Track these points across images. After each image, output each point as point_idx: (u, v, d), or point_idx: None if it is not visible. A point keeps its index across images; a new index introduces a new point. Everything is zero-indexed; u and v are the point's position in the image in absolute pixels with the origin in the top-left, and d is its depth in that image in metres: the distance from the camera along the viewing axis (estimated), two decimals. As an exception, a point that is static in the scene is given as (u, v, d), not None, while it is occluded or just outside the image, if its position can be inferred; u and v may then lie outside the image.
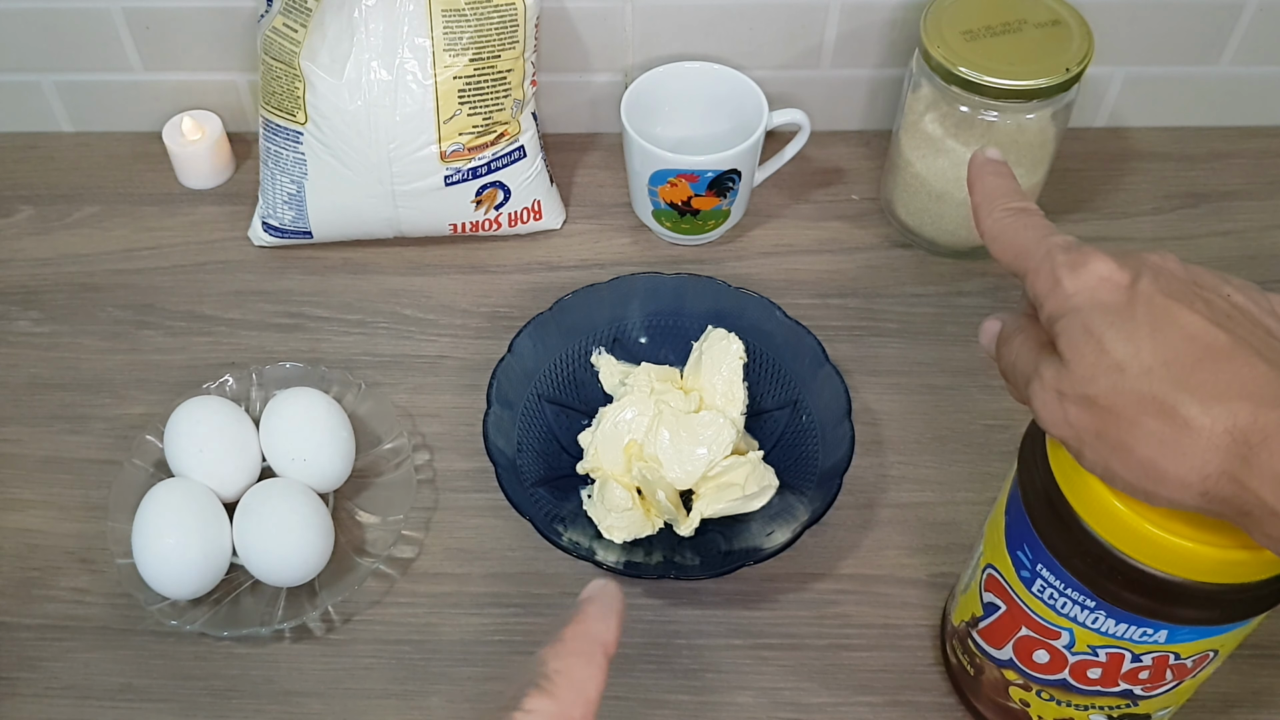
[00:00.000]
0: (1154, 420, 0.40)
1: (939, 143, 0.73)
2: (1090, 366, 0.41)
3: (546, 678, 0.37)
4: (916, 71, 0.72)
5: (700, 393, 0.68)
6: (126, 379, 0.74)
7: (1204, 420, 0.39)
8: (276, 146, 0.76)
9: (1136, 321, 0.41)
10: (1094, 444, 0.42)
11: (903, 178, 0.77)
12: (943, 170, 0.74)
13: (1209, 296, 0.42)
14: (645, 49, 0.82)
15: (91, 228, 0.83)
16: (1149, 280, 0.42)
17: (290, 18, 0.73)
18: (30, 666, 0.63)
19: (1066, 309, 0.43)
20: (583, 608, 0.39)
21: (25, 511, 0.68)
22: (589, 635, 0.38)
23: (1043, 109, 0.71)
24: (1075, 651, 0.50)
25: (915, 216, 0.78)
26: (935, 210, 0.76)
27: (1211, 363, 0.39)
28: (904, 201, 0.78)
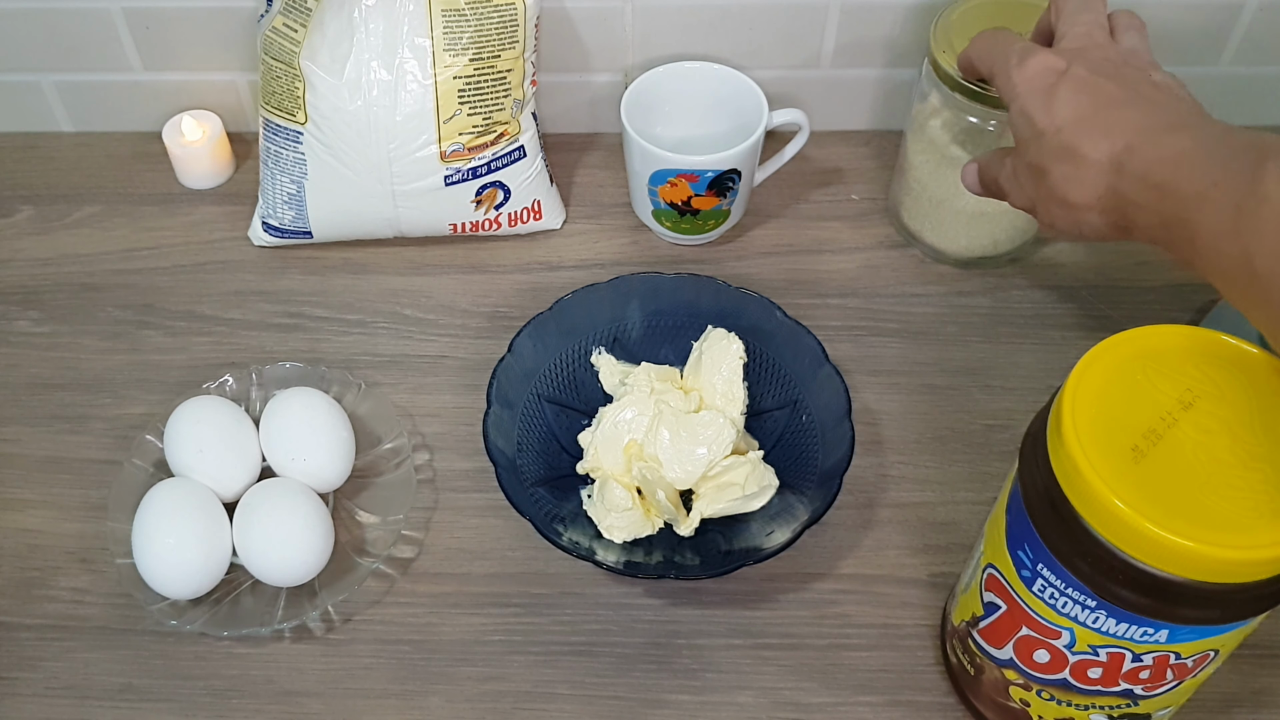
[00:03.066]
0: (1065, 164, 0.52)
1: (944, 150, 0.73)
2: (1025, 138, 0.54)
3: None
4: (925, 79, 0.72)
5: (700, 393, 0.68)
6: (126, 379, 0.74)
7: (1094, 154, 0.51)
8: (276, 146, 0.76)
9: (1059, 96, 0.53)
10: (1042, 202, 0.54)
11: (907, 181, 0.77)
12: (946, 178, 0.73)
13: (1129, 73, 0.53)
14: (645, 49, 0.82)
15: (91, 228, 0.83)
16: (1080, 64, 0.54)
17: (290, 17, 0.73)
18: (30, 666, 0.63)
19: (1012, 97, 0.55)
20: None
21: (25, 511, 0.68)
22: None
23: None
24: (1076, 651, 0.50)
25: (917, 221, 0.78)
26: (936, 216, 0.76)
27: (1107, 111, 0.51)
28: (908, 206, 0.78)
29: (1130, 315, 0.76)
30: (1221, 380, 0.48)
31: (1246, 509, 0.44)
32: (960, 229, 0.76)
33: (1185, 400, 0.47)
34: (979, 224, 0.76)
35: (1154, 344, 0.49)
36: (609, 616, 0.64)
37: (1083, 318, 0.76)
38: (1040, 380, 0.73)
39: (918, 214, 0.78)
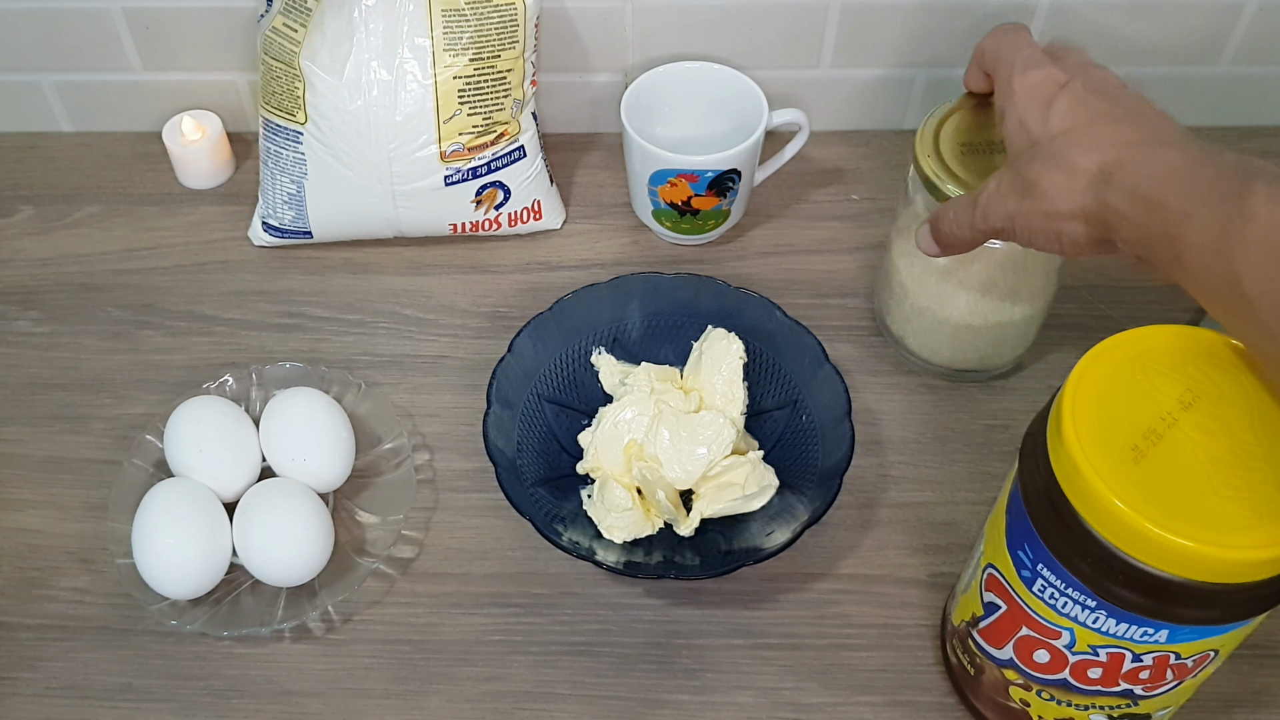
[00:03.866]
0: (1055, 173, 0.52)
1: (929, 257, 0.64)
2: (1017, 147, 0.55)
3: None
4: (910, 185, 0.67)
5: (700, 393, 0.68)
6: (126, 379, 0.74)
7: (1085, 163, 0.51)
8: (276, 146, 0.76)
9: (1056, 107, 0.53)
10: (1023, 215, 0.54)
11: (891, 285, 0.72)
12: (931, 285, 0.69)
13: (1126, 95, 0.54)
14: (645, 49, 0.82)
15: (91, 228, 0.83)
16: (1080, 80, 0.54)
17: (290, 17, 0.73)
18: (30, 666, 0.63)
19: (1009, 104, 0.56)
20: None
21: (25, 511, 0.68)
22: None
23: None
24: (1076, 651, 0.50)
25: (901, 326, 0.73)
26: (920, 323, 0.71)
27: (1102, 125, 0.52)
28: (893, 310, 0.73)
29: (1130, 315, 0.76)
30: (1221, 380, 0.48)
31: (1246, 509, 0.44)
32: (944, 339, 0.71)
33: (1185, 400, 0.47)
34: (964, 336, 0.70)
35: (1154, 344, 0.49)
36: (609, 616, 0.64)
37: (1082, 317, 0.76)
38: (1040, 380, 0.73)
39: (901, 319, 0.73)
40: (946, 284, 0.68)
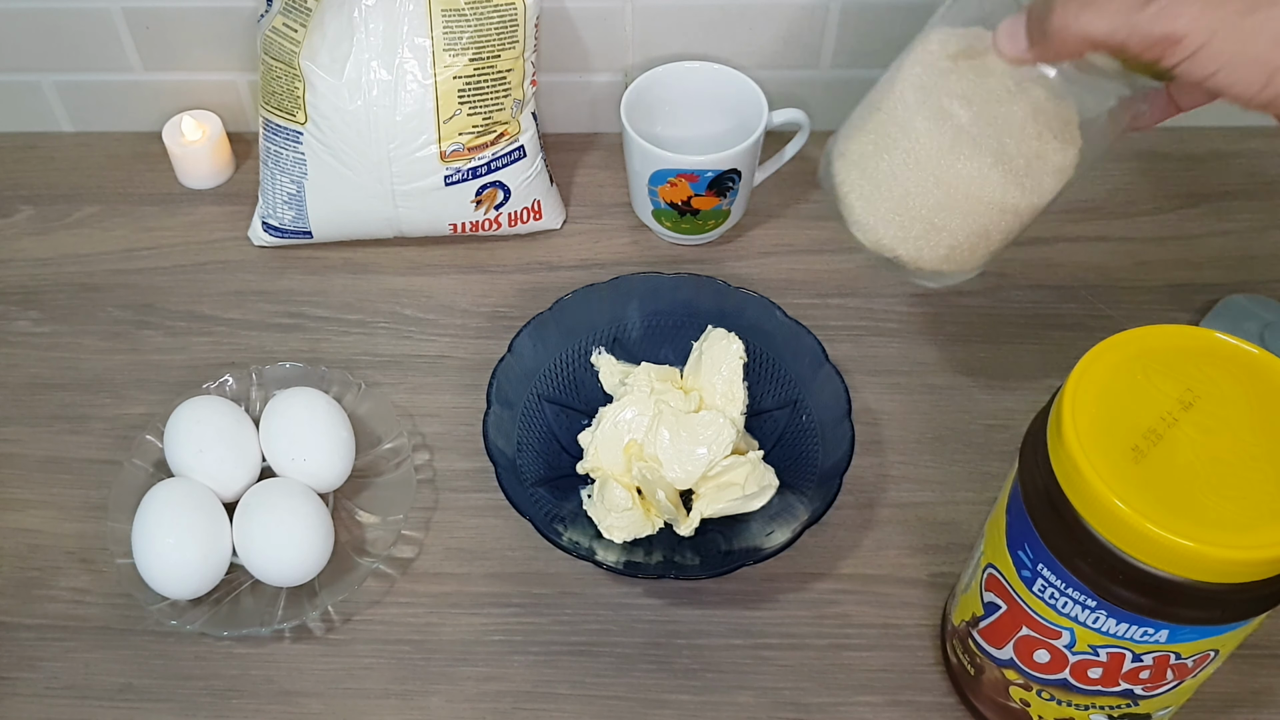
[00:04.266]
0: None
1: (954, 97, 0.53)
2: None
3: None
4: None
5: (700, 393, 0.68)
6: (126, 379, 0.74)
7: None
8: (276, 146, 0.76)
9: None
10: (1240, 35, 0.43)
11: (875, 124, 0.57)
12: (938, 138, 0.54)
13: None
14: (645, 49, 0.82)
15: (91, 228, 0.83)
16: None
17: (290, 17, 0.73)
18: (30, 666, 0.63)
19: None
20: None
21: (25, 511, 0.68)
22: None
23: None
24: (1076, 651, 0.50)
25: (859, 183, 0.59)
26: (891, 187, 0.57)
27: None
28: (855, 157, 0.59)
29: (1130, 315, 0.76)
30: (1222, 380, 0.48)
31: (1247, 509, 0.44)
32: (918, 215, 0.56)
33: (1185, 400, 0.47)
34: (947, 216, 0.56)
35: (1154, 344, 0.49)
36: (609, 616, 0.64)
37: (1083, 317, 0.76)
38: (1040, 380, 0.73)
39: (866, 174, 0.58)
40: (962, 138, 0.53)
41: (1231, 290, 0.76)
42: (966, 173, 0.54)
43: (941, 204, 0.55)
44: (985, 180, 0.54)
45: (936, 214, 0.56)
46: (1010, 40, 0.48)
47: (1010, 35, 0.48)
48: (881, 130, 0.56)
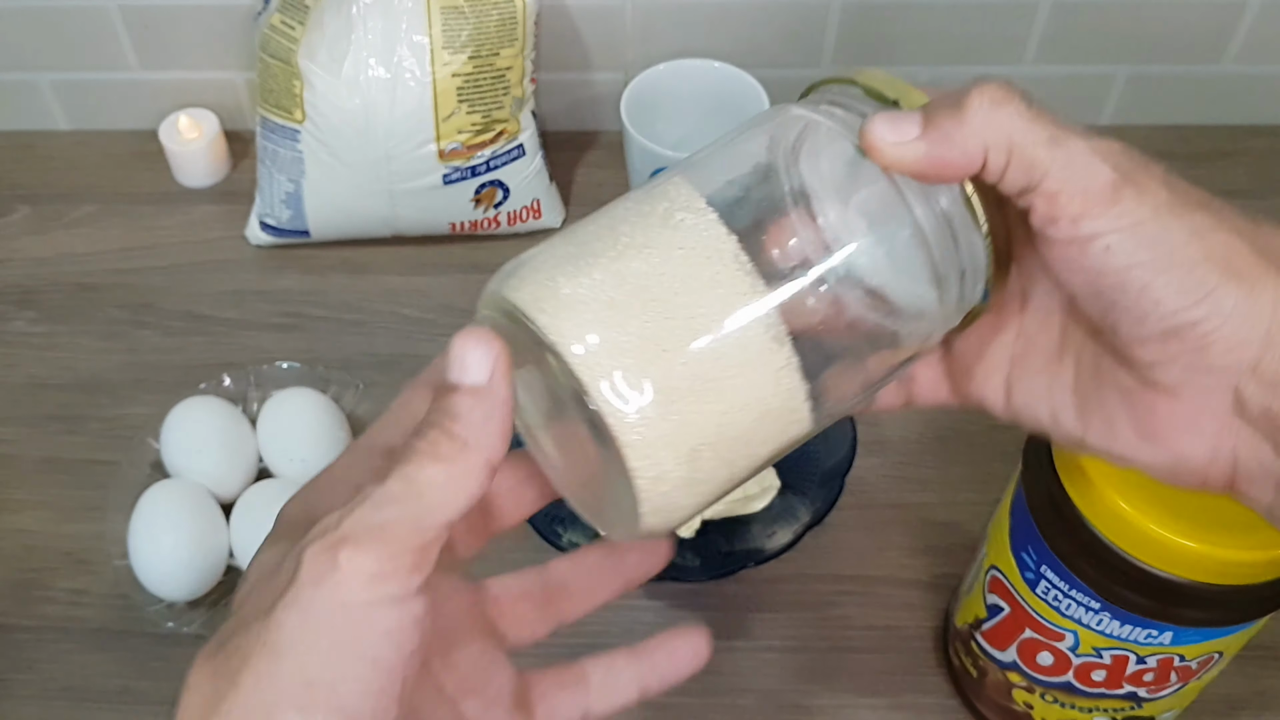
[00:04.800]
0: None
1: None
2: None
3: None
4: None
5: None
6: (124, 379, 0.74)
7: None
8: (274, 145, 0.76)
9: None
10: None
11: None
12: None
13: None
14: (645, 46, 0.82)
15: (88, 227, 0.82)
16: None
17: (288, 15, 0.73)
18: (27, 668, 0.62)
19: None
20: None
21: (22, 512, 0.68)
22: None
23: None
24: (1079, 653, 0.49)
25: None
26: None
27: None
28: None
29: (1133, 314, 0.76)
30: (1227, 380, 0.47)
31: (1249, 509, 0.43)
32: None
33: (1190, 401, 0.47)
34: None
35: (1158, 344, 0.49)
36: (609, 618, 0.63)
37: (1085, 317, 0.76)
38: (1043, 380, 0.72)
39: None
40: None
41: (1235, 289, 0.75)
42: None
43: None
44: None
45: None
46: (892, 126, 0.33)
47: (892, 120, 0.33)
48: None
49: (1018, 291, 0.37)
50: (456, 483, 0.30)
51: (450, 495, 0.30)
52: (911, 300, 0.35)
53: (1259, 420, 0.32)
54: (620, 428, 0.30)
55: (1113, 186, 0.31)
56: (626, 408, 0.30)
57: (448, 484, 0.30)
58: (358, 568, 0.28)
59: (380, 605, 0.29)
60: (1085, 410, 0.35)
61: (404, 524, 0.29)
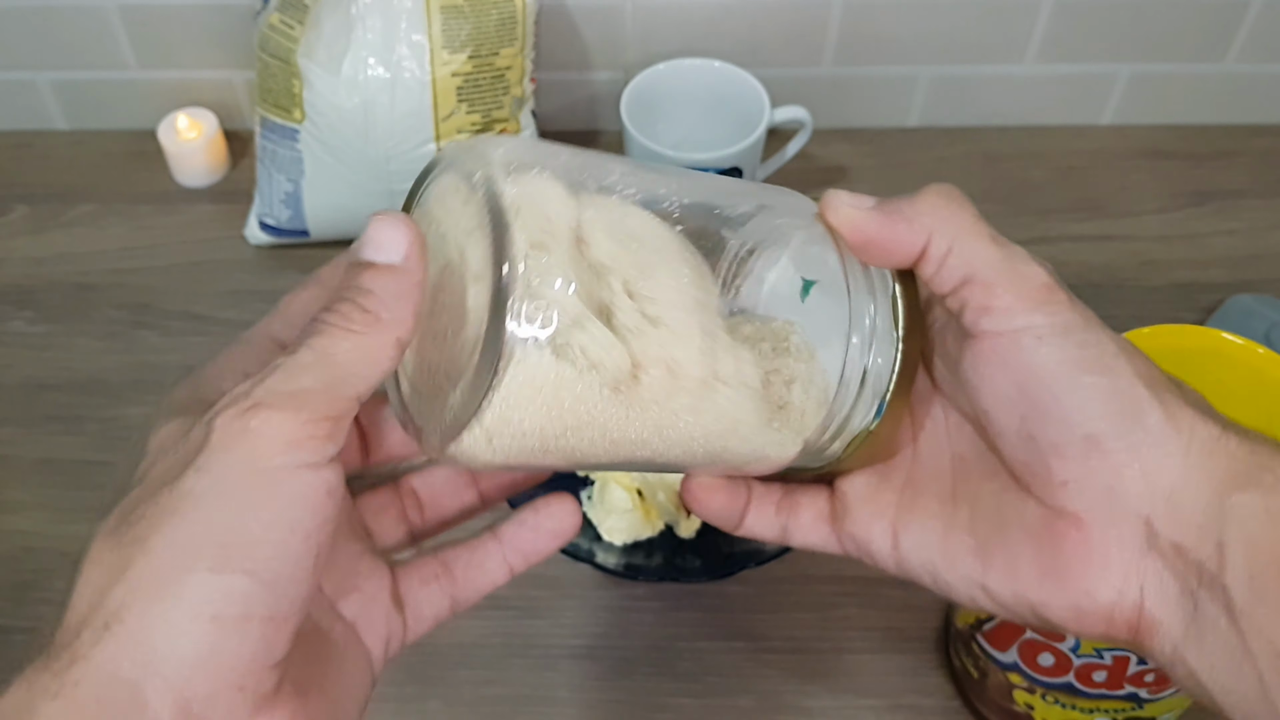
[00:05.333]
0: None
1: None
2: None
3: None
4: None
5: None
6: (122, 379, 0.74)
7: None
8: (273, 144, 0.75)
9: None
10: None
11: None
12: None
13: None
14: (645, 46, 0.82)
15: (87, 226, 0.82)
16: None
17: (287, 14, 0.73)
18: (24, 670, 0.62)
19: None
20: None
21: (20, 513, 0.68)
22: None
23: None
24: (1081, 654, 0.49)
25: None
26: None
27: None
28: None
29: (1135, 315, 0.75)
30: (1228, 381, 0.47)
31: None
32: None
33: (1193, 401, 0.46)
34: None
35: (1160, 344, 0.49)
36: (609, 620, 0.64)
37: (1087, 317, 0.75)
38: (1044, 380, 0.72)
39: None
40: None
41: (1237, 290, 0.75)
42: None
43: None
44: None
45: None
46: (851, 194, 0.34)
47: (852, 192, 0.34)
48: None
49: (909, 436, 0.36)
50: (369, 355, 0.29)
51: (363, 367, 0.29)
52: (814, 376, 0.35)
53: (1169, 555, 0.31)
54: (509, 356, 0.29)
55: (1048, 288, 0.32)
56: (525, 343, 0.29)
57: (360, 356, 0.29)
58: (273, 432, 0.28)
59: (295, 470, 0.28)
60: (986, 551, 0.33)
61: (318, 392, 0.29)
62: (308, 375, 0.29)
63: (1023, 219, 0.81)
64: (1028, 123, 0.87)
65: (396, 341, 0.30)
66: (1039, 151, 0.86)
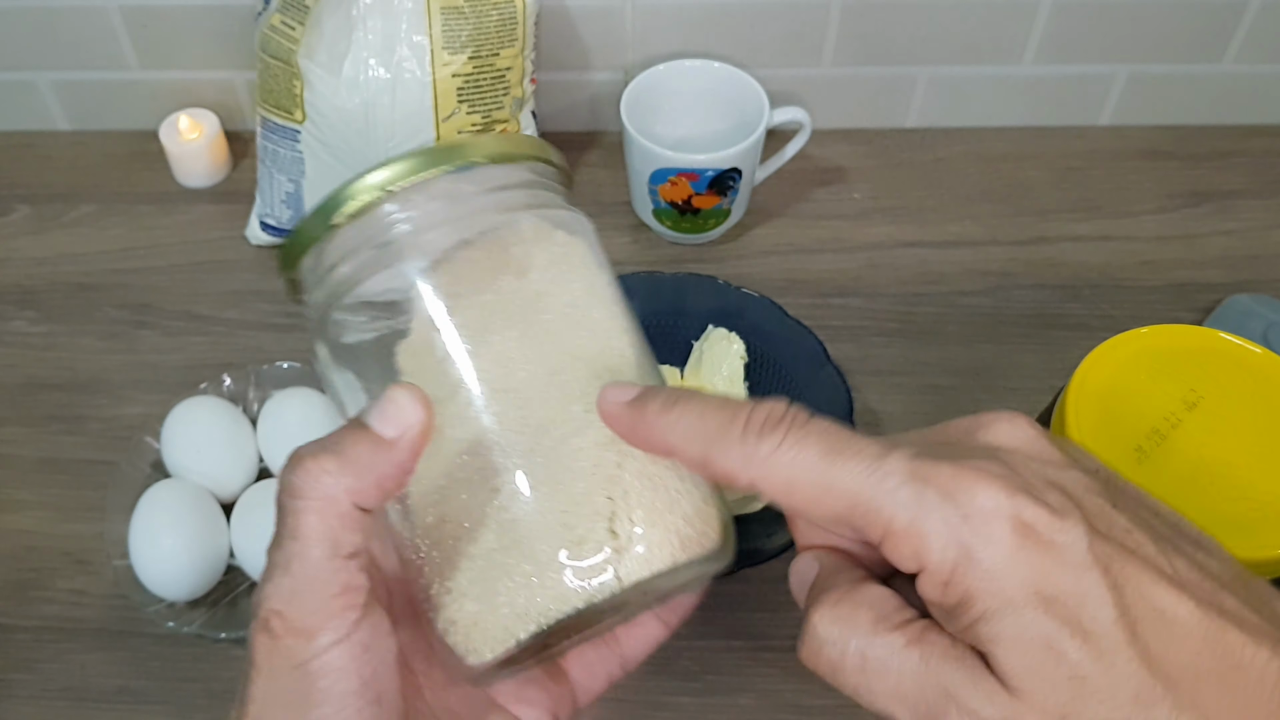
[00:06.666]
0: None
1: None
2: (1062, 700, 0.26)
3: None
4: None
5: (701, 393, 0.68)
6: (123, 379, 0.74)
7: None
8: (274, 145, 0.76)
9: (1111, 616, 0.26)
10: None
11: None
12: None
13: (1168, 536, 0.29)
14: (645, 47, 0.82)
15: (88, 227, 0.82)
16: (1087, 525, 0.27)
17: (288, 15, 0.73)
18: (27, 668, 0.62)
19: (996, 603, 0.26)
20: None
21: (21, 513, 0.68)
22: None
23: None
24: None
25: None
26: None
27: (1230, 676, 0.26)
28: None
29: (1134, 315, 0.76)
30: (1226, 380, 0.47)
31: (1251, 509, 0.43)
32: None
33: (1189, 400, 0.47)
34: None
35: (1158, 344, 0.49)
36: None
37: (1086, 317, 0.76)
38: (1043, 380, 0.72)
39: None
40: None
41: (1235, 290, 0.75)
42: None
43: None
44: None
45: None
46: (620, 388, 0.33)
47: (621, 389, 0.32)
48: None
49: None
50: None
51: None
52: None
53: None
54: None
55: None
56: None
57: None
58: (282, 626, 0.31)
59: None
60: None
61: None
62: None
63: (1021, 219, 0.81)
64: (1026, 123, 0.88)
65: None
66: (1037, 152, 0.86)
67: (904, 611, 0.29)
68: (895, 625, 0.28)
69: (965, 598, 0.27)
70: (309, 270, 0.36)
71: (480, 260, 0.34)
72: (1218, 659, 0.26)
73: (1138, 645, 0.26)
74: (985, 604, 0.26)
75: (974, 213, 0.82)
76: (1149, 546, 0.28)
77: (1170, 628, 0.26)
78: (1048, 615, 0.26)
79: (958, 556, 0.27)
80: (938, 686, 0.27)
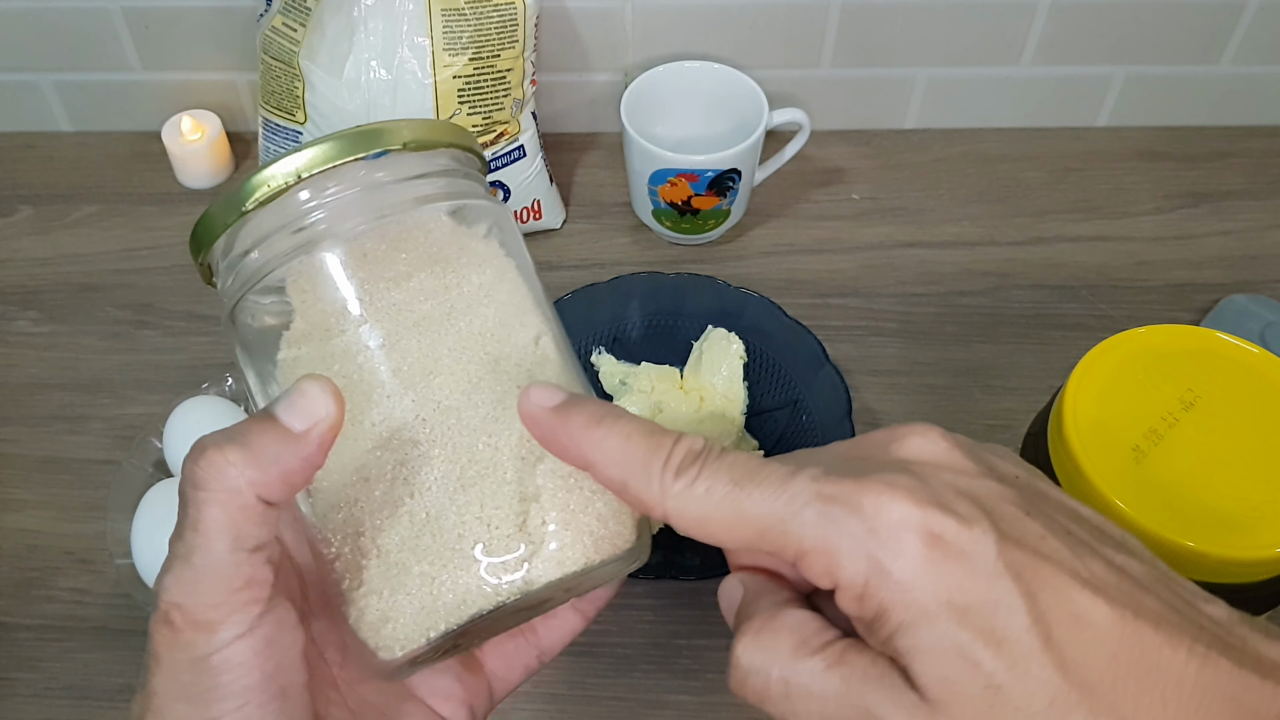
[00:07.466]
0: None
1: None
2: (979, 710, 0.26)
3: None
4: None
5: (700, 393, 0.68)
6: (125, 379, 0.74)
7: None
8: (276, 146, 0.76)
9: (1025, 624, 0.26)
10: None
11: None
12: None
13: (1085, 540, 0.29)
14: (645, 48, 0.82)
15: (90, 227, 0.83)
16: (998, 533, 0.27)
17: (289, 17, 0.73)
18: (29, 667, 0.62)
19: (910, 615, 0.27)
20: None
21: (24, 512, 0.68)
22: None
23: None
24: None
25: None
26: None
27: (1148, 677, 0.26)
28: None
29: (1131, 315, 0.76)
30: (1223, 380, 0.48)
31: (1248, 509, 0.44)
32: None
33: (1186, 400, 0.47)
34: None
35: (1155, 344, 0.49)
36: (609, 617, 0.64)
37: (1084, 317, 0.76)
38: (1041, 380, 0.73)
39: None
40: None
41: (1232, 290, 0.76)
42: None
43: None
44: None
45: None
46: (545, 391, 0.32)
47: (546, 389, 0.32)
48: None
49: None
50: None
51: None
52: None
53: None
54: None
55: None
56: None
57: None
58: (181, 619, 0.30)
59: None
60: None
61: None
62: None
63: (1019, 220, 0.82)
64: (1024, 124, 0.88)
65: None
66: (1035, 153, 0.87)
67: (824, 634, 0.29)
68: (815, 649, 0.28)
69: (880, 611, 0.27)
70: (220, 256, 0.35)
71: (394, 252, 0.34)
72: (1135, 660, 0.26)
73: (1052, 651, 0.26)
74: (900, 616, 0.27)
75: (972, 213, 0.82)
76: (1064, 551, 0.28)
77: (1086, 631, 0.26)
78: (961, 625, 0.26)
79: (869, 570, 0.27)
80: (859, 707, 0.27)
